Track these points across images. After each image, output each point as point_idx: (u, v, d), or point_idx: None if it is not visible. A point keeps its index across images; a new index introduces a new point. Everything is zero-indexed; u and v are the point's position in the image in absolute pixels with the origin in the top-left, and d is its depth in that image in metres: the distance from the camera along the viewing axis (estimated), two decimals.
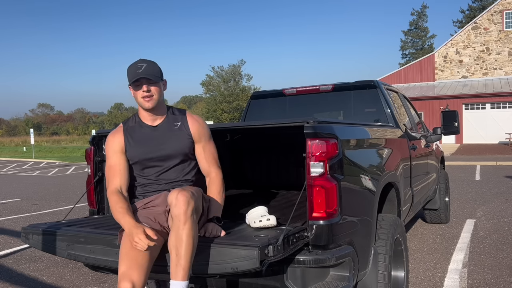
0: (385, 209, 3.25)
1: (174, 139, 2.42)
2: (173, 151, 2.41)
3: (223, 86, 42.85)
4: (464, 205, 7.40)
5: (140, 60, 2.37)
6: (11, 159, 28.85)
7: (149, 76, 2.30)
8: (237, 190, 4.27)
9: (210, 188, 2.51)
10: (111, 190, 2.34)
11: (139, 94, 2.34)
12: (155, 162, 2.41)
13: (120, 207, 2.22)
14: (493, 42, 26.25)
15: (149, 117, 2.43)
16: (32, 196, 10.69)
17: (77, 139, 49.69)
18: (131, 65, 2.36)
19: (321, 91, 4.48)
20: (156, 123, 2.45)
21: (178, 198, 2.02)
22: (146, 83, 2.32)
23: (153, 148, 2.40)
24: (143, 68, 2.30)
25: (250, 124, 2.60)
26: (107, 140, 2.47)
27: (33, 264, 4.73)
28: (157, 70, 2.37)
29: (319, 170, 2.20)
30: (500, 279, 3.82)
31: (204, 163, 2.51)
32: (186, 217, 1.99)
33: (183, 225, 1.98)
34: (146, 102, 2.34)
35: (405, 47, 48.36)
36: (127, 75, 2.36)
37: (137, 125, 2.46)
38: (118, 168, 2.39)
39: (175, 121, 2.47)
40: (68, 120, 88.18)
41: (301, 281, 2.17)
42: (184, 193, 2.04)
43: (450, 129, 5.24)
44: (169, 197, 2.08)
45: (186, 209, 2.00)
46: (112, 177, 2.38)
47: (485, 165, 14.52)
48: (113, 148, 2.42)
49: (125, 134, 2.44)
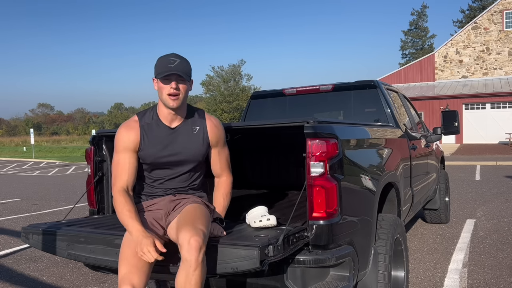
0: (385, 209, 3.25)
1: (191, 145, 2.33)
2: (188, 157, 2.34)
3: (223, 86, 42.83)
4: (464, 205, 7.40)
5: (173, 54, 2.24)
6: (11, 159, 28.85)
7: (181, 73, 2.17)
8: (237, 190, 4.27)
9: (218, 189, 2.50)
10: (118, 189, 2.23)
11: (166, 90, 2.20)
12: (167, 165, 2.33)
13: (127, 210, 2.14)
14: (493, 42, 26.25)
15: (169, 116, 2.30)
16: (32, 196, 10.69)
17: (77, 139, 49.70)
18: (162, 57, 2.24)
19: (321, 91, 4.48)
20: (175, 125, 2.32)
21: (191, 244, 1.92)
22: (175, 80, 2.19)
23: (168, 151, 2.30)
24: (176, 63, 2.18)
25: (250, 124, 2.60)
26: (119, 132, 2.29)
27: (33, 264, 4.73)
28: (189, 68, 2.24)
29: (319, 170, 2.20)
30: (500, 279, 3.82)
31: (217, 167, 2.49)
32: (197, 264, 1.92)
33: (193, 271, 1.92)
34: (171, 101, 2.20)
35: (405, 47, 48.35)
36: (155, 67, 2.23)
37: (155, 123, 2.31)
38: (128, 166, 2.27)
39: (194, 124, 2.36)
40: (68, 120, 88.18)
41: (301, 281, 2.17)
42: (197, 239, 1.94)
43: (450, 129, 5.24)
44: (180, 236, 1.97)
45: (197, 256, 1.92)
46: (120, 175, 2.26)
47: (485, 165, 14.52)
48: (125, 145, 2.27)
49: (141, 131, 2.29)
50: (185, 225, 2.04)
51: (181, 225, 2.07)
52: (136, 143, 2.28)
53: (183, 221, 2.10)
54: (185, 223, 2.06)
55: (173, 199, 2.36)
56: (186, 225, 2.04)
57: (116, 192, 2.23)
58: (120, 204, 2.18)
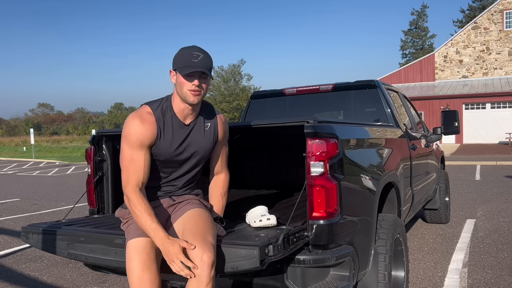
0: (385, 209, 3.25)
1: (204, 143, 2.28)
2: (201, 154, 2.29)
3: (223, 86, 42.85)
4: (464, 205, 7.40)
5: (196, 47, 2.11)
6: (11, 159, 28.85)
7: (205, 70, 2.06)
8: (237, 190, 4.27)
9: (216, 189, 2.47)
10: (133, 188, 2.09)
11: (188, 86, 2.08)
12: (179, 163, 2.27)
13: (148, 213, 2.03)
14: (493, 42, 26.25)
15: (185, 111, 2.18)
16: (32, 196, 10.69)
17: (77, 139, 49.68)
18: (184, 49, 2.12)
19: (321, 91, 4.48)
20: (188, 121, 2.22)
21: (204, 260, 1.89)
22: (199, 78, 2.08)
23: (183, 148, 2.23)
24: (199, 58, 2.06)
25: (250, 124, 2.60)
26: (134, 125, 2.11)
27: (33, 264, 4.73)
28: (212, 63, 2.12)
29: (319, 170, 2.20)
30: (500, 279, 3.82)
31: (218, 164, 2.45)
32: (209, 280, 1.90)
33: (205, 286, 1.91)
34: (192, 97, 2.09)
35: (405, 47, 48.37)
36: (176, 58, 2.11)
37: (169, 118, 2.18)
38: (143, 164, 2.12)
39: (206, 121, 2.29)
40: (68, 120, 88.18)
41: (301, 280, 2.16)
42: (210, 255, 1.91)
43: (450, 129, 5.24)
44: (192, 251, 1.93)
45: (209, 272, 1.90)
46: (134, 173, 2.10)
47: (485, 165, 14.52)
48: (140, 140, 2.11)
49: (158, 127, 2.15)
50: (196, 237, 1.99)
51: (190, 236, 2.01)
52: (152, 138, 2.14)
53: (192, 231, 2.04)
54: (195, 235, 2.00)
55: (171, 203, 2.32)
56: (197, 238, 1.98)
57: (131, 192, 2.08)
58: (138, 205, 2.05)
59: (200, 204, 2.33)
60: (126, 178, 2.11)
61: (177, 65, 2.10)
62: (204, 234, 2.02)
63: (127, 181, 2.10)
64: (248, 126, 2.61)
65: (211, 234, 2.05)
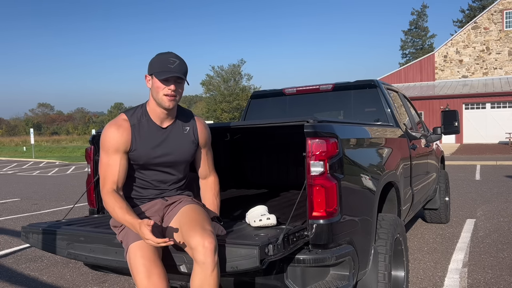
0: (385, 209, 3.25)
1: (183, 146, 2.32)
2: (180, 158, 2.32)
3: (223, 86, 42.87)
4: (464, 205, 7.40)
5: (171, 53, 2.19)
6: (11, 158, 28.85)
7: (181, 75, 2.13)
8: (237, 189, 4.27)
9: (208, 190, 2.50)
10: (108, 190, 2.17)
11: (163, 91, 2.14)
12: (159, 166, 2.30)
13: (119, 207, 2.10)
14: (493, 42, 26.25)
15: (161, 115, 2.25)
16: (32, 195, 10.69)
17: (77, 139, 49.66)
18: (160, 55, 2.18)
19: (321, 90, 4.48)
20: (166, 125, 2.29)
21: (206, 246, 1.93)
22: (175, 83, 2.15)
23: (161, 151, 2.27)
24: (175, 64, 2.14)
25: (250, 124, 2.60)
26: (109, 132, 2.20)
27: (33, 263, 4.73)
28: (187, 69, 2.20)
29: (319, 169, 2.20)
30: (500, 278, 3.82)
31: (205, 168, 2.49)
32: (213, 266, 1.94)
33: (210, 273, 1.94)
34: (168, 101, 2.15)
35: (405, 46, 48.35)
36: (152, 64, 2.18)
37: (145, 122, 2.25)
38: (118, 168, 2.20)
39: (184, 124, 2.34)
40: (68, 120, 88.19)
41: (301, 280, 2.16)
42: (211, 241, 1.96)
43: (450, 128, 5.24)
44: (192, 240, 1.97)
45: (213, 258, 1.94)
46: (110, 176, 2.19)
47: (485, 165, 14.52)
48: (115, 146, 2.19)
49: (132, 132, 2.22)
50: (194, 227, 2.03)
51: (189, 228, 2.05)
52: (127, 143, 2.21)
53: (189, 224, 2.08)
54: (193, 226, 2.05)
55: (165, 204, 2.34)
56: (195, 227, 2.03)
57: (106, 194, 2.16)
58: (111, 203, 2.13)
59: (193, 201, 2.36)
60: (102, 182, 2.21)
61: (154, 70, 2.17)
62: (201, 223, 2.08)
63: (102, 186, 2.20)
64: (248, 125, 2.61)
65: (208, 223, 2.11)
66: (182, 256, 2.12)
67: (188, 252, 2.03)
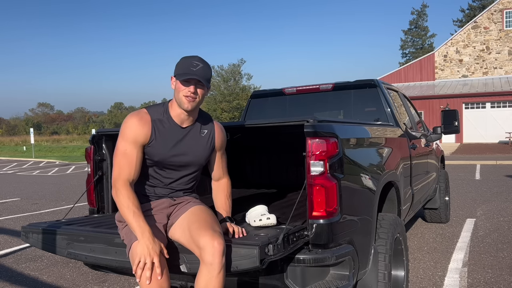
0: (385, 208, 3.25)
1: (199, 148, 2.35)
2: (194, 159, 2.35)
3: (223, 86, 42.84)
4: (464, 204, 7.40)
5: (197, 57, 2.24)
6: (11, 158, 28.85)
7: (201, 79, 2.17)
8: (237, 189, 4.27)
9: (221, 191, 2.54)
10: (124, 181, 2.16)
11: (183, 92, 2.19)
12: (172, 166, 2.32)
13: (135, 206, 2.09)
14: (493, 41, 26.24)
15: (181, 116, 2.28)
16: (32, 195, 10.69)
17: (77, 139, 49.63)
18: (186, 58, 2.24)
19: (321, 90, 4.48)
20: (185, 125, 2.32)
21: (216, 247, 1.94)
22: (195, 84, 2.20)
23: (177, 151, 2.30)
24: (198, 67, 2.18)
25: (250, 123, 2.60)
26: (131, 122, 2.23)
27: (33, 263, 4.73)
28: (210, 74, 2.24)
29: (319, 169, 2.20)
30: (500, 278, 3.82)
31: (219, 170, 2.54)
32: (220, 266, 1.95)
33: (217, 273, 1.94)
34: (187, 102, 2.20)
35: (405, 46, 48.35)
36: (177, 66, 2.24)
37: (166, 120, 2.29)
38: (135, 159, 2.21)
39: (202, 127, 2.38)
40: (68, 120, 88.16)
41: (301, 280, 2.16)
42: (221, 242, 1.97)
43: (450, 128, 5.24)
44: (202, 240, 1.98)
45: (221, 259, 1.95)
46: (127, 167, 2.19)
47: (485, 164, 14.52)
48: (136, 136, 2.21)
49: (153, 126, 2.26)
50: (204, 227, 2.05)
51: (198, 227, 2.07)
52: (147, 137, 2.24)
53: (198, 223, 2.10)
54: (203, 226, 2.07)
55: (172, 203, 2.36)
56: (205, 227, 2.05)
57: (121, 185, 2.15)
58: (125, 198, 2.11)
59: (201, 202, 2.38)
60: (118, 172, 2.19)
61: (177, 71, 2.22)
62: (211, 224, 2.11)
63: (118, 175, 2.18)
64: (248, 125, 2.61)
65: (218, 225, 2.15)
66: (182, 256, 2.12)
67: (195, 252, 2.04)
